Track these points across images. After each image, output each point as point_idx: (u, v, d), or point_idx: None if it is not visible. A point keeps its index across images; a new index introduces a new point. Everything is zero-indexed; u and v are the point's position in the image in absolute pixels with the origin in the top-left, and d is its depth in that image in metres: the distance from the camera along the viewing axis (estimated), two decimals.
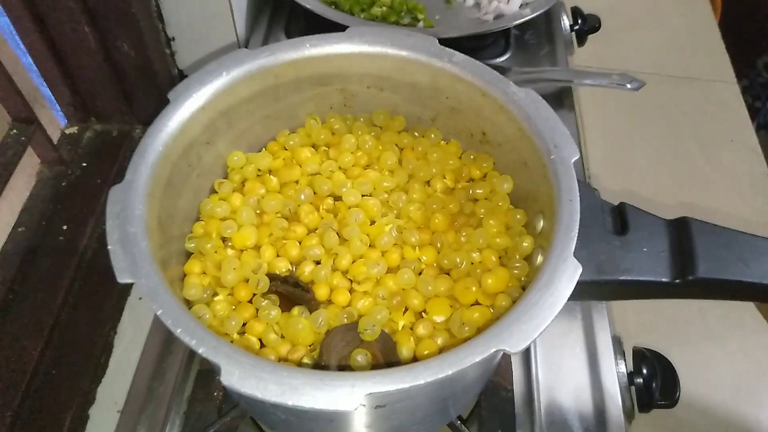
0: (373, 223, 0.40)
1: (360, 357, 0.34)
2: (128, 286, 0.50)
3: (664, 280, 0.34)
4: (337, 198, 0.41)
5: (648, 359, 0.46)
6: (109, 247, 0.31)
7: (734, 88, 0.97)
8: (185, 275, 0.38)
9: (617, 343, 0.48)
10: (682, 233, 0.34)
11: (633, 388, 0.46)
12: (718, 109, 0.94)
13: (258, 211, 0.41)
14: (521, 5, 0.65)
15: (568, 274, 0.30)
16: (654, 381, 0.45)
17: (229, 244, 0.39)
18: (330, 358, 0.34)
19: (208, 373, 0.48)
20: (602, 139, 0.76)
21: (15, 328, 0.47)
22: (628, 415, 0.45)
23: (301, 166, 0.43)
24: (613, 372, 0.46)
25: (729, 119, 0.90)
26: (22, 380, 0.44)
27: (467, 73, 0.39)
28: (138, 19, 0.52)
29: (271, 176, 0.42)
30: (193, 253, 0.39)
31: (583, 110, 0.77)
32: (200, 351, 0.28)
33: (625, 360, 0.47)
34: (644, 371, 0.46)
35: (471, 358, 0.28)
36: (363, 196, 0.41)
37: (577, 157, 0.35)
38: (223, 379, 0.27)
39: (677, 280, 0.33)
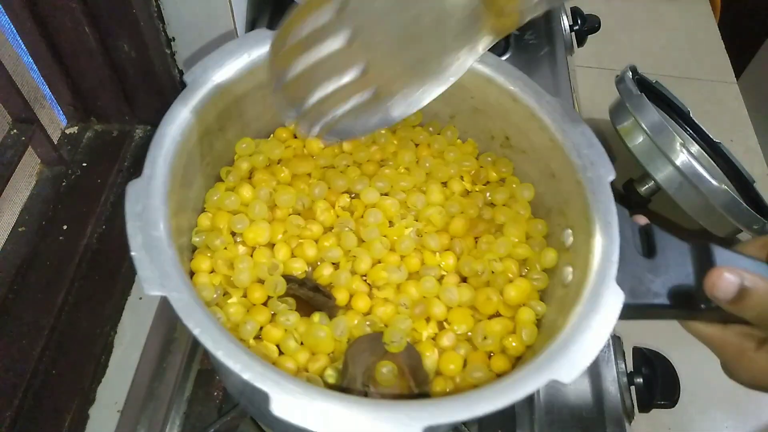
0: (391, 224, 0.39)
1: (385, 369, 0.33)
2: (128, 286, 0.50)
3: (690, 306, 0.33)
4: (352, 194, 0.40)
5: (648, 359, 0.46)
6: (132, 253, 0.28)
7: (734, 88, 0.97)
8: (193, 273, 0.35)
9: (617, 343, 0.48)
10: (704, 259, 0.33)
11: (633, 388, 0.46)
12: (717, 109, 0.94)
13: (269, 205, 0.38)
14: None
15: (612, 301, 0.30)
16: (654, 381, 0.45)
17: (239, 240, 0.37)
18: (356, 369, 0.33)
19: (208, 373, 0.47)
20: None
21: (15, 328, 0.47)
22: (628, 415, 0.45)
23: (313, 157, 0.41)
24: (613, 372, 0.46)
25: (729, 119, 0.90)
26: (22, 380, 0.44)
27: (499, 75, 0.38)
28: (138, 20, 0.52)
29: (282, 167, 0.40)
30: (198, 248, 0.36)
31: (583, 110, 0.77)
32: (245, 377, 0.26)
33: (625, 360, 0.47)
34: (644, 371, 0.46)
35: (525, 390, 0.27)
36: (380, 195, 0.39)
37: (613, 177, 0.34)
38: (274, 408, 0.26)
39: (702, 306, 0.33)
